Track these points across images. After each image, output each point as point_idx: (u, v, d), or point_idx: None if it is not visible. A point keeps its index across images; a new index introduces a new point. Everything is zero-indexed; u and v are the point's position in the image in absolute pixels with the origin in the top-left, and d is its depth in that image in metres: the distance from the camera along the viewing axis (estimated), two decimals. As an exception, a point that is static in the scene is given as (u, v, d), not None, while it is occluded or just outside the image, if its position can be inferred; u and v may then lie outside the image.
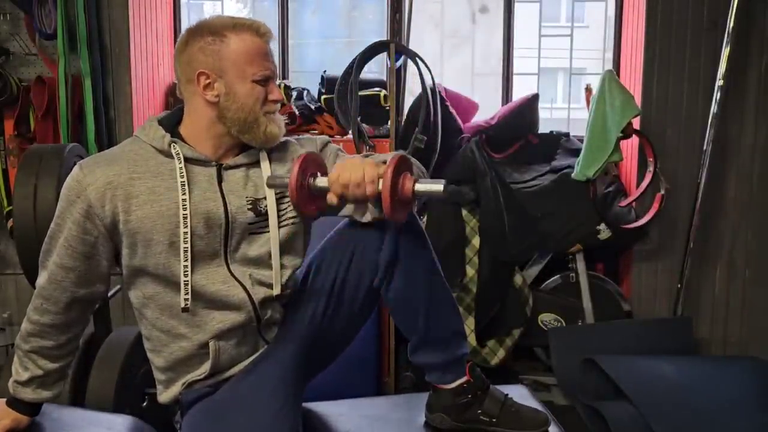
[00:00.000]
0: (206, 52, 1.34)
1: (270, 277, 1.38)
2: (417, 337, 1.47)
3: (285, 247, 1.40)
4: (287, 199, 1.41)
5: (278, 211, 1.40)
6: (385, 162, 1.26)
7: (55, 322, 1.36)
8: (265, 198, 1.39)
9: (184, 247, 1.31)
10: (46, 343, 1.37)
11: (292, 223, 1.41)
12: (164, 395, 1.44)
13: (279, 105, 1.40)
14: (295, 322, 1.45)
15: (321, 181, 1.29)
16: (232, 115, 1.35)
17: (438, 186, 1.23)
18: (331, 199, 1.29)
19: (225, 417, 1.36)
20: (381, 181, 1.22)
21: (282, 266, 1.40)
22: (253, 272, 1.38)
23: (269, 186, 1.36)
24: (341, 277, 1.45)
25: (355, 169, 1.25)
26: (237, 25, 1.35)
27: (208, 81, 1.35)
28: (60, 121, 2.68)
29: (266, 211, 1.38)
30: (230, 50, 1.34)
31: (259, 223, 1.38)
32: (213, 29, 1.35)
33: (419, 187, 1.23)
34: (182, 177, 1.32)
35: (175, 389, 1.41)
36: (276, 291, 1.38)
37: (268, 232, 1.39)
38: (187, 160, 1.35)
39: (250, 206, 1.37)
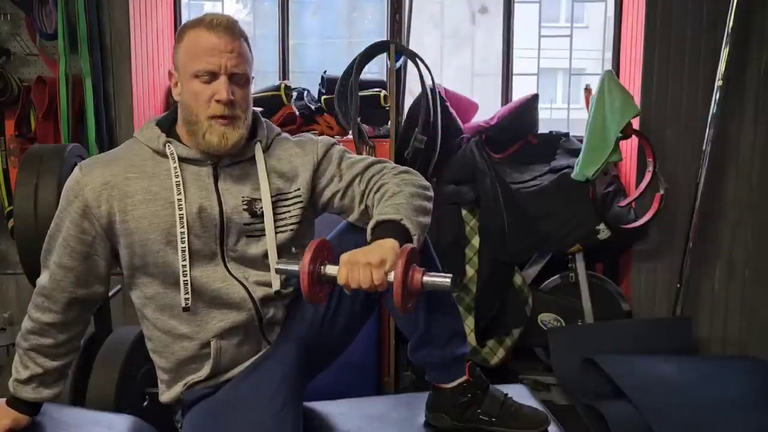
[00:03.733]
0: (174, 52, 1.36)
1: (267, 276, 1.38)
2: (417, 336, 1.47)
3: (283, 251, 1.40)
4: (287, 203, 1.40)
5: (276, 215, 1.38)
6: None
7: (54, 321, 1.37)
8: (260, 200, 1.37)
9: (182, 247, 1.31)
10: (45, 341, 1.38)
11: (291, 230, 1.40)
12: (166, 395, 1.45)
13: (224, 105, 1.30)
14: (296, 322, 1.45)
15: (331, 270, 1.24)
16: (183, 114, 1.36)
17: (445, 281, 1.20)
18: (345, 286, 1.23)
19: (226, 417, 1.37)
20: (389, 275, 1.19)
21: (278, 270, 1.38)
22: (250, 274, 1.38)
23: (278, 272, 1.33)
24: None
25: (363, 272, 1.19)
26: (196, 22, 1.33)
27: (174, 80, 1.36)
28: (61, 121, 2.69)
29: (262, 212, 1.37)
30: (182, 47, 1.33)
31: (254, 224, 1.37)
32: (181, 28, 1.36)
33: (427, 280, 1.20)
34: (177, 177, 1.32)
35: (177, 389, 1.42)
36: (275, 287, 1.38)
37: (265, 236, 1.37)
38: (182, 159, 1.35)
39: (245, 207, 1.36)
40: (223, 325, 1.36)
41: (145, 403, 1.95)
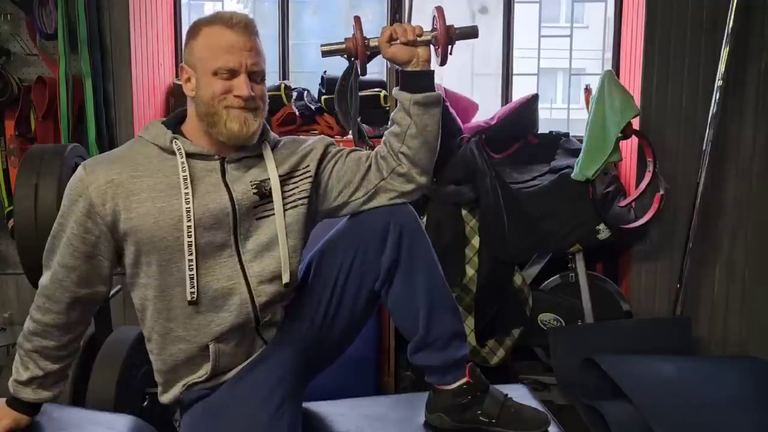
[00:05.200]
0: (187, 48, 1.37)
1: (278, 268, 1.38)
2: (417, 339, 1.47)
3: (291, 230, 1.41)
4: (293, 180, 1.42)
5: (284, 192, 1.40)
6: None
7: (56, 322, 1.36)
8: (269, 179, 1.39)
9: (188, 241, 1.31)
10: (47, 342, 1.37)
11: (301, 204, 1.42)
12: (165, 396, 1.45)
13: (244, 101, 1.33)
14: (296, 323, 1.46)
15: (374, 40, 1.46)
16: (199, 110, 1.36)
17: (474, 26, 1.49)
18: (384, 37, 1.43)
19: (224, 416, 1.37)
20: (426, 33, 1.45)
21: (289, 249, 1.39)
22: (266, 263, 1.38)
23: (325, 53, 1.49)
24: (342, 279, 1.45)
25: (407, 25, 1.45)
26: (213, 19, 1.35)
27: (187, 76, 1.37)
28: (61, 121, 2.68)
29: (270, 192, 1.38)
30: (198, 44, 1.34)
31: (263, 205, 1.39)
32: (195, 25, 1.37)
33: (459, 30, 1.47)
34: (184, 171, 1.33)
35: (176, 390, 1.42)
36: (285, 279, 1.38)
37: (274, 214, 1.39)
38: (190, 155, 1.35)
39: (255, 190, 1.38)
40: (221, 329, 1.36)
41: (145, 403, 1.95)
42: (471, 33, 1.49)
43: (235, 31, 1.32)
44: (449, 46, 1.47)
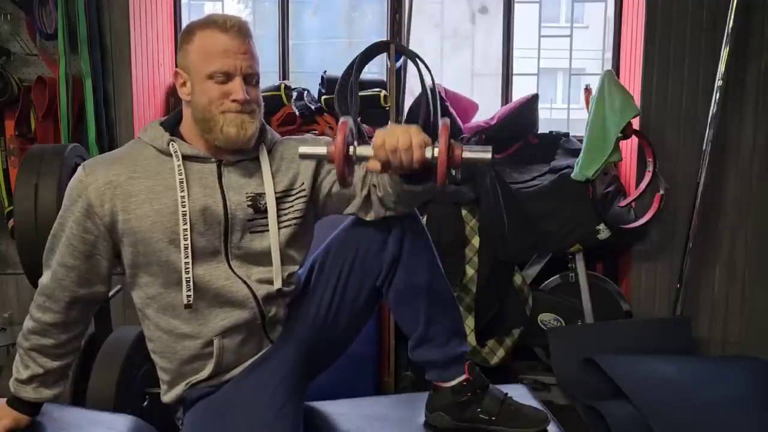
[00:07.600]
0: (181, 51, 1.36)
1: (270, 273, 1.38)
2: (417, 335, 1.48)
3: (286, 246, 1.41)
4: (289, 199, 1.41)
5: (279, 211, 1.39)
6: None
7: (56, 321, 1.37)
8: (265, 194, 1.38)
9: (185, 244, 1.31)
10: (46, 341, 1.38)
11: (295, 224, 1.41)
12: (168, 395, 1.45)
13: (240, 105, 1.32)
14: (298, 322, 1.46)
15: (363, 149, 1.20)
16: (195, 114, 1.36)
17: (486, 154, 1.22)
18: (374, 166, 1.22)
19: (227, 414, 1.37)
20: (428, 149, 1.19)
21: (283, 264, 1.39)
22: (253, 271, 1.38)
23: (302, 157, 1.30)
24: (344, 277, 1.46)
25: (402, 135, 1.19)
26: (207, 23, 1.34)
27: (182, 80, 1.36)
28: (61, 121, 2.69)
29: (266, 208, 1.38)
30: (193, 48, 1.34)
31: (258, 220, 1.38)
32: (189, 28, 1.36)
33: (467, 155, 1.21)
34: (180, 174, 1.33)
35: (179, 389, 1.42)
36: (277, 285, 1.38)
37: (269, 231, 1.39)
38: (186, 158, 1.36)
39: (249, 203, 1.37)
40: (226, 323, 1.37)
41: (145, 403, 1.96)
42: (481, 159, 1.24)
43: (230, 34, 1.32)
44: (453, 170, 1.23)
